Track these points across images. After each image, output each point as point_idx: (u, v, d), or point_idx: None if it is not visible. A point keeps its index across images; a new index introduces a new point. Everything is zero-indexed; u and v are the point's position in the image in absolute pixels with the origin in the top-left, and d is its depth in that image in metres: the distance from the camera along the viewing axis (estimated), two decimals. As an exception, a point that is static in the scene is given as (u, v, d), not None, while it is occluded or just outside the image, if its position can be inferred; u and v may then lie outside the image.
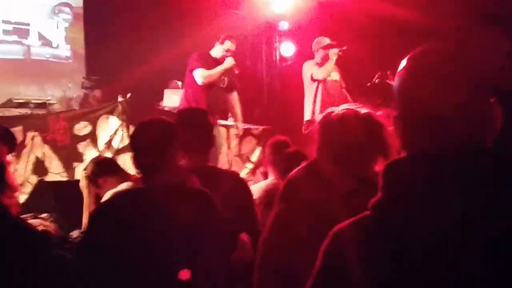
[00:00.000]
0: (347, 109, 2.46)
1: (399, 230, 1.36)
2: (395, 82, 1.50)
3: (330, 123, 2.44)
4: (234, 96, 7.96)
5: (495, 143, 1.42)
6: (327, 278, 1.49)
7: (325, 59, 8.12)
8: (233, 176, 3.94)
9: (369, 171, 2.36)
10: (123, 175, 4.39)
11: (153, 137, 2.90)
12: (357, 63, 8.43)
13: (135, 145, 2.99)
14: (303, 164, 2.58)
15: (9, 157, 2.40)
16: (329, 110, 2.52)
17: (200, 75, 7.16)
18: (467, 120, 1.38)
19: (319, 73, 8.05)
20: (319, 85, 8.07)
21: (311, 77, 8.05)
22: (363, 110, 2.44)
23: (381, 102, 7.91)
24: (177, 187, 2.84)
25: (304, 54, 10.60)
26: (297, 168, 2.59)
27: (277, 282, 2.41)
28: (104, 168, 4.55)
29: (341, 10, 10.00)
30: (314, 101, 8.02)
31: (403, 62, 1.49)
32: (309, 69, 8.15)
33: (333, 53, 8.03)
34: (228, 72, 7.62)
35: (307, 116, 8.21)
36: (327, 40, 8.18)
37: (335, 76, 8.30)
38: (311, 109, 8.10)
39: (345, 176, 2.38)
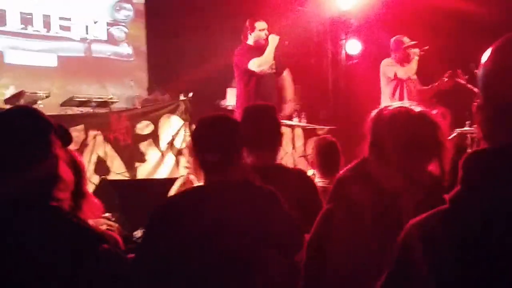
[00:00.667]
0: (399, 106, 2.38)
1: (478, 222, 1.35)
2: (479, 73, 1.49)
3: (381, 121, 2.36)
4: (286, 76, 7.67)
5: None
6: (403, 271, 1.48)
7: (404, 58, 7.88)
8: (301, 175, 3.87)
9: (421, 172, 2.30)
10: None
11: (216, 134, 2.84)
12: (427, 61, 8.14)
13: (198, 143, 2.91)
14: (353, 162, 2.51)
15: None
16: (381, 107, 2.44)
17: (256, 65, 6.95)
18: None
19: (404, 72, 7.82)
20: (404, 84, 7.84)
21: (395, 75, 7.79)
22: (417, 108, 2.36)
23: (437, 100, 7.71)
24: (241, 185, 2.78)
25: (371, 52, 10.42)
26: (346, 167, 2.54)
27: (322, 282, 2.38)
28: None
29: (409, 6, 9.76)
30: (392, 101, 7.74)
31: (487, 53, 1.46)
32: (391, 68, 7.90)
33: (415, 52, 7.80)
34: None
35: None
36: (406, 39, 7.94)
37: (414, 75, 8.04)
38: None
39: (395, 176, 2.30)
